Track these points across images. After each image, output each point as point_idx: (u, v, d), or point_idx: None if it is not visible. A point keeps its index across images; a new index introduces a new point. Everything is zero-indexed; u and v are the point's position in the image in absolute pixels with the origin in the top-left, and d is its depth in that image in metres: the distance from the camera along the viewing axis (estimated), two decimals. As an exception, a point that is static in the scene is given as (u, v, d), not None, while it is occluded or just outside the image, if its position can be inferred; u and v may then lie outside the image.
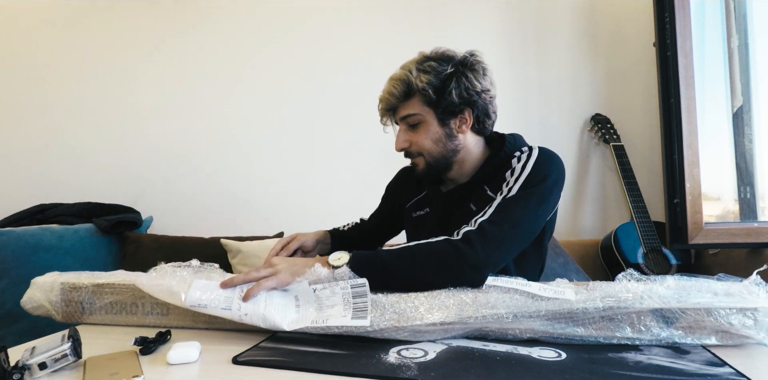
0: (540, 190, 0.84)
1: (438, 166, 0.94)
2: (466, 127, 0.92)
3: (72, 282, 0.81)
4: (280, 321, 0.66)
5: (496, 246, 0.76)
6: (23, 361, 0.55)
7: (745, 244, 1.52)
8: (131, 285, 0.78)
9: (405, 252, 0.76)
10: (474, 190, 0.94)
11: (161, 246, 1.77)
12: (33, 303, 0.82)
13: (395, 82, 0.91)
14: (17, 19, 2.11)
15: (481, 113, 0.92)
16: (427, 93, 0.88)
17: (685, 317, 0.62)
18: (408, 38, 2.00)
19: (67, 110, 2.09)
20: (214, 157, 2.08)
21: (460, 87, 0.88)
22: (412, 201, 1.08)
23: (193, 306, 0.68)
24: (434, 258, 0.74)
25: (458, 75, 0.88)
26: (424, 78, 0.88)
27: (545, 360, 0.58)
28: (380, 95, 0.95)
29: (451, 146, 0.93)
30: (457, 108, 0.89)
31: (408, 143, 0.94)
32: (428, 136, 0.91)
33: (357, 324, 0.65)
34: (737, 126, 1.67)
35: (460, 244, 0.75)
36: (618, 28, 1.99)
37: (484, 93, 0.91)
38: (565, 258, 1.68)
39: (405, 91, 0.90)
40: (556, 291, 0.66)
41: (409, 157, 0.97)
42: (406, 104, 0.92)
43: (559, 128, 1.99)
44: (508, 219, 0.80)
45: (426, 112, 0.90)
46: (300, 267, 0.74)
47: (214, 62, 2.08)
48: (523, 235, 0.82)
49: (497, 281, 0.71)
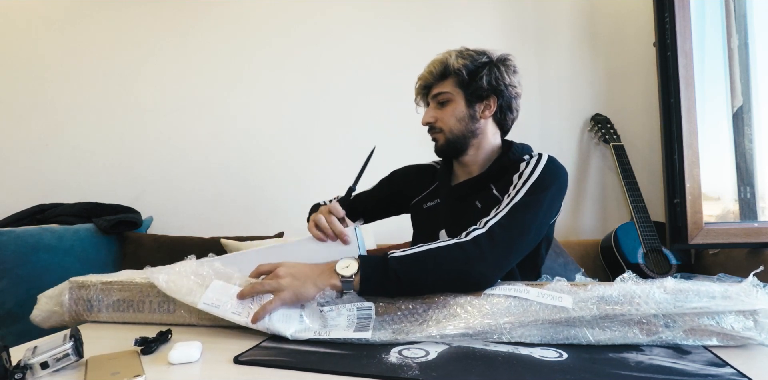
0: (546, 196, 0.86)
1: (456, 144, 1.00)
2: (489, 113, 0.99)
3: (81, 281, 0.82)
4: (284, 330, 0.67)
5: (506, 252, 0.77)
6: (25, 361, 0.55)
7: (745, 244, 1.52)
8: (139, 283, 0.79)
9: (416, 260, 0.74)
10: (481, 188, 0.98)
11: (161, 246, 1.77)
12: (43, 315, 0.83)
13: (436, 62, 1.00)
14: (17, 19, 2.11)
15: (504, 104, 0.99)
16: (461, 74, 0.96)
17: (685, 321, 0.62)
18: (408, 38, 2.00)
19: (67, 110, 2.09)
20: (214, 157, 2.08)
21: (491, 75, 0.96)
22: (423, 195, 1.10)
23: (207, 304, 0.69)
24: (445, 266, 0.73)
25: (491, 65, 0.97)
26: (461, 61, 0.96)
27: (546, 360, 0.58)
28: (420, 74, 1.03)
29: (471, 127, 0.99)
30: (484, 93, 0.97)
31: (434, 119, 1.01)
32: (454, 114, 0.98)
33: (359, 335, 0.66)
34: (737, 126, 1.67)
35: (470, 249, 0.75)
36: (618, 28, 1.99)
37: (511, 87, 0.99)
38: (565, 258, 1.68)
39: (442, 71, 0.98)
40: (554, 296, 0.66)
41: (431, 132, 1.03)
42: (441, 83, 0.99)
43: (559, 128, 1.99)
44: (517, 224, 0.81)
45: (456, 92, 0.98)
46: (304, 285, 0.72)
47: (214, 62, 2.08)
48: (529, 242, 0.83)
49: (495, 288, 0.71)
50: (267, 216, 2.03)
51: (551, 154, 0.95)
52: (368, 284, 0.72)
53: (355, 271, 0.72)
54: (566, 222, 1.98)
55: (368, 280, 0.72)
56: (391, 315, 0.70)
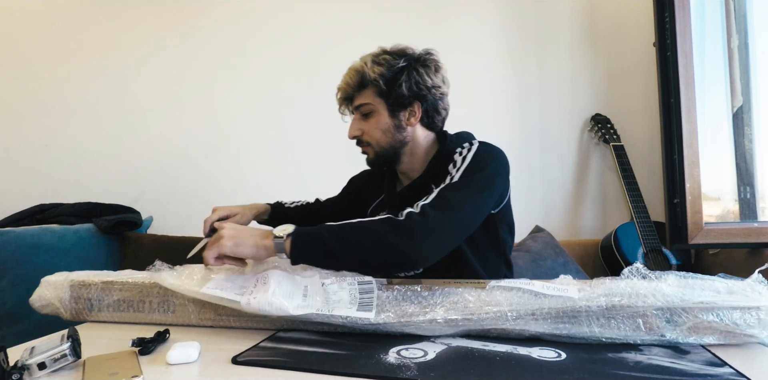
0: (480, 177, 0.85)
1: (386, 156, 0.98)
2: (415, 119, 0.96)
3: (82, 280, 0.82)
4: (287, 305, 0.66)
5: (439, 229, 0.76)
6: (22, 361, 0.55)
7: (745, 244, 1.52)
8: (140, 283, 0.79)
9: (345, 229, 0.75)
10: (423, 189, 0.95)
11: (161, 246, 1.77)
12: (42, 302, 0.83)
13: (351, 72, 0.96)
14: (17, 18, 2.11)
15: (430, 108, 0.96)
16: (378, 84, 0.92)
17: (689, 318, 0.62)
18: (408, 38, 1.96)
19: (67, 110, 2.09)
20: (214, 157, 2.08)
21: (411, 80, 0.92)
22: (375, 204, 1.09)
23: (210, 289, 0.69)
24: (374, 237, 0.73)
25: (410, 69, 0.93)
26: (377, 69, 0.92)
27: (545, 360, 0.58)
28: (338, 84, 0.99)
29: (399, 137, 0.96)
30: (406, 100, 0.93)
31: (360, 131, 0.98)
32: (378, 125, 0.96)
33: (362, 315, 0.65)
34: (737, 126, 1.67)
35: (401, 224, 0.75)
36: (618, 28, 1.99)
37: (435, 89, 0.95)
38: (565, 258, 1.68)
39: (359, 82, 0.95)
40: (560, 288, 0.66)
41: (360, 145, 1.01)
42: (360, 94, 0.96)
43: (559, 128, 1.99)
44: (449, 203, 0.80)
45: (378, 102, 0.95)
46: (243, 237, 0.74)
47: (214, 62, 2.08)
48: (464, 220, 0.81)
49: (501, 282, 0.71)
50: (267, 216, 2.03)
51: (550, 154, 0.95)
52: (298, 249, 0.72)
53: (288, 233, 0.73)
54: (566, 222, 1.98)
55: (297, 245, 0.72)
56: (396, 297, 0.70)
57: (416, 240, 0.73)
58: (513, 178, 0.96)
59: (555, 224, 1.97)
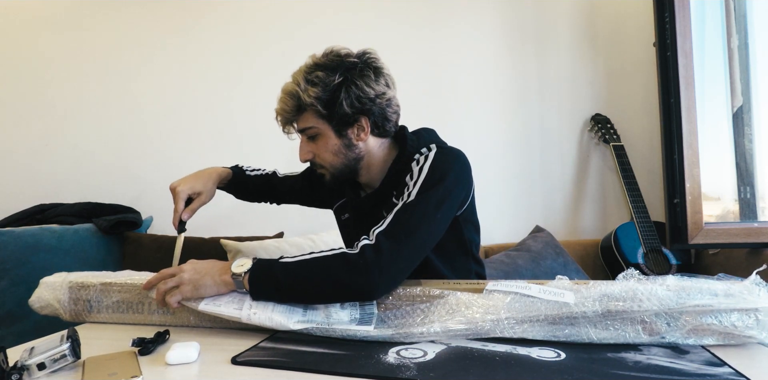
0: (437, 191, 0.81)
1: (343, 176, 0.94)
2: (365, 134, 0.90)
3: (81, 281, 0.82)
4: (286, 321, 0.68)
5: (392, 264, 0.73)
6: (22, 361, 0.55)
7: (745, 244, 1.52)
8: (138, 284, 0.79)
9: (301, 266, 0.73)
10: (383, 197, 0.92)
11: (161, 246, 1.77)
12: (41, 303, 0.82)
13: (286, 96, 0.90)
14: (17, 18, 2.11)
15: (378, 118, 0.90)
16: (316, 107, 0.86)
17: (687, 321, 0.62)
18: (408, 38, 2.00)
19: (67, 110, 2.09)
20: (214, 157, 2.07)
21: (351, 97, 0.86)
22: (338, 204, 1.07)
23: (208, 305, 0.70)
24: (327, 276, 0.72)
25: (347, 84, 0.86)
26: (312, 92, 0.85)
27: (544, 360, 0.58)
28: (275, 108, 0.93)
29: (352, 155, 0.91)
30: (351, 118, 0.87)
31: (311, 154, 0.93)
32: (327, 148, 0.90)
33: (361, 329, 0.67)
34: (737, 126, 1.67)
35: (355, 260, 0.73)
36: (618, 28, 1.99)
37: (379, 98, 0.88)
38: (565, 258, 1.68)
39: (296, 106, 0.89)
40: (556, 293, 0.66)
41: (315, 168, 0.96)
42: (301, 117, 0.90)
43: (559, 128, 1.99)
44: (404, 229, 0.77)
45: (321, 124, 0.89)
46: (203, 278, 0.72)
47: (215, 62, 2.08)
48: (421, 244, 0.79)
49: (498, 285, 0.71)
50: (267, 216, 2.03)
51: (551, 154, 0.94)
52: (255, 286, 0.72)
53: (246, 270, 0.72)
54: (566, 222, 1.98)
55: (254, 283, 0.71)
56: (393, 311, 0.71)
57: (371, 277, 0.71)
58: (513, 178, 0.95)
59: (555, 224, 1.97)
